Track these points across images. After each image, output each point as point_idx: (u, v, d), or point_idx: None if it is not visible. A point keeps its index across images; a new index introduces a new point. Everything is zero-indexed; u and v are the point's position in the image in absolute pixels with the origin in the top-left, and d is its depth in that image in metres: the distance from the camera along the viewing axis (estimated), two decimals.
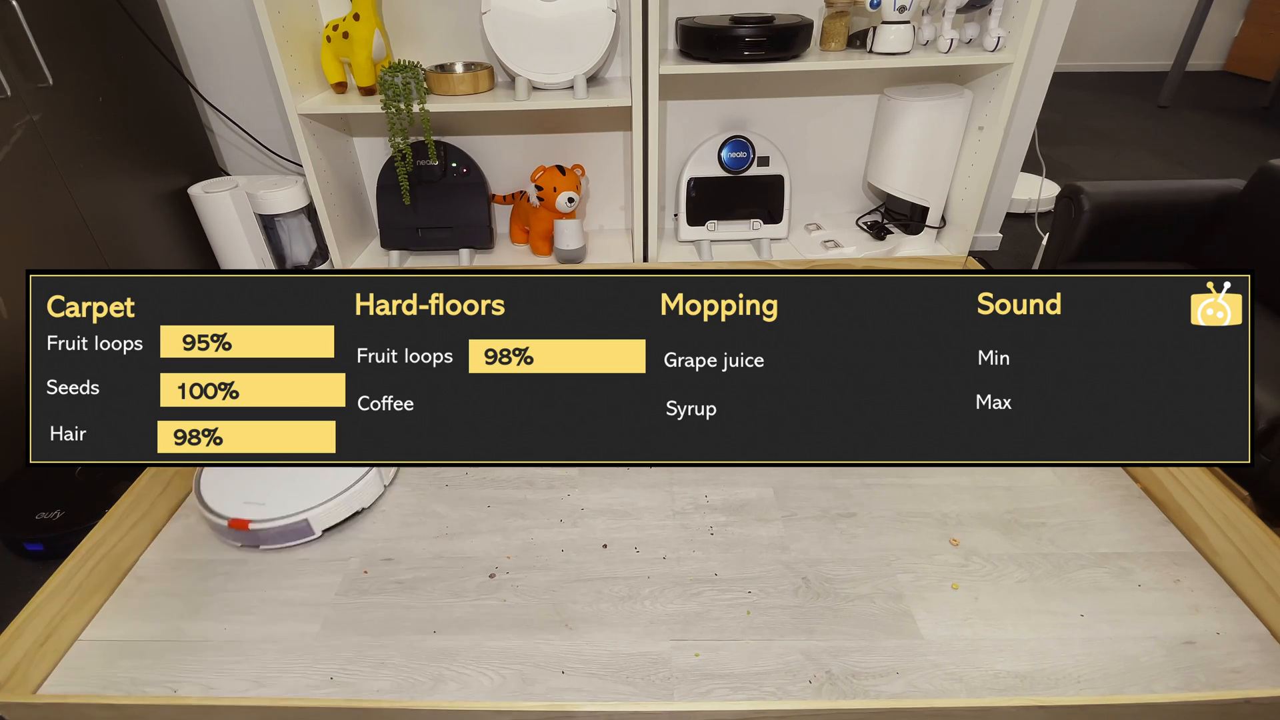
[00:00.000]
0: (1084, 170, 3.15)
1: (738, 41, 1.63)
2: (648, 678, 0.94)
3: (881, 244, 2.00)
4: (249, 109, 2.05)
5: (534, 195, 1.92)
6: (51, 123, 1.48)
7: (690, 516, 1.20)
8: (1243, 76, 4.81)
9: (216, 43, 1.95)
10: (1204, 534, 1.11)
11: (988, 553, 1.12)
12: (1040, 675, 0.94)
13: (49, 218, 1.47)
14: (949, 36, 1.69)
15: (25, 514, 1.29)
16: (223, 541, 1.16)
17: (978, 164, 1.85)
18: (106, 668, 0.98)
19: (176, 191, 1.87)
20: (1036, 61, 1.98)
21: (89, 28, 1.59)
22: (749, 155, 1.95)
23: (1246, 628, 1.00)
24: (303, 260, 1.97)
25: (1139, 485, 1.24)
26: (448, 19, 1.86)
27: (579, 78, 1.72)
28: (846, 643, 0.98)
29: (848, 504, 1.22)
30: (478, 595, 1.07)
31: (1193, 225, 1.62)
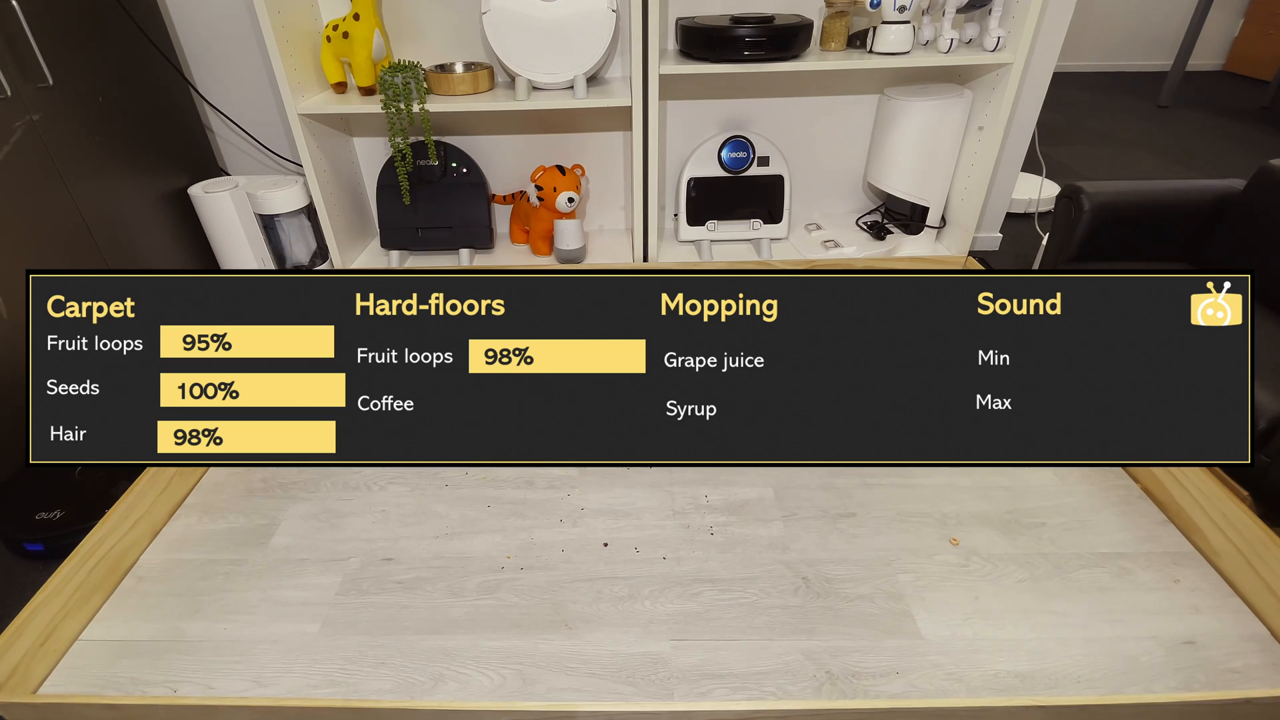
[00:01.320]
0: (1084, 170, 3.15)
1: (738, 41, 1.63)
2: (648, 678, 0.94)
3: (881, 244, 2.00)
4: (249, 109, 2.05)
5: (534, 195, 1.92)
6: (51, 123, 1.48)
7: (690, 516, 1.20)
8: (1243, 76, 4.81)
9: (216, 43, 1.95)
10: (1204, 534, 1.11)
11: (988, 553, 1.12)
12: (1040, 675, 0.93)
13: (49, 217, 1.47)
14: (949, 36, 1.69)
15: (25, 514, 1.29)
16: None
17: (978, 164, 1.85)
18: (106, 668, 0.98)
19: (176, 191, 1.87)
20: (1036, 61, 1.98)
21: (89, 28, 1.59)
22: (749, 155, 1.95)
23: (1246, 628, 1.00)
24: (303, 260, 1.97)
25: (1139, 485, 1.24)
26: (448, 19, 1.86)
27: (579, 78, 1.72)
28: (847, 643, 0.98)
29: (848, 504, 1.22)
30: (478, 595, 1.07)
31: (1193, 225, 1.62)
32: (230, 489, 1.29)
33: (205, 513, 1.24)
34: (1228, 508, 1.07)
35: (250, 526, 1.21)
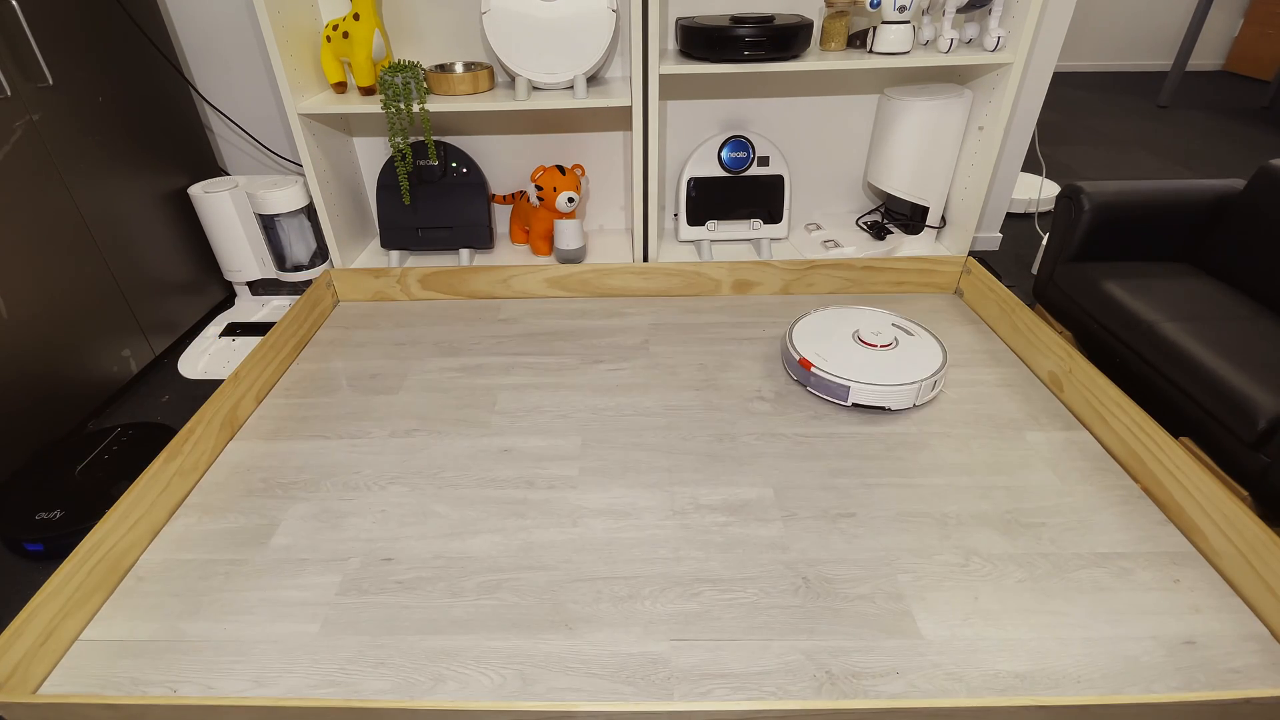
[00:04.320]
0: (1084, 170, 3.15)
1: (738, 41, 1.63)
2: (648, 677, 0.94)
3: (881, 244, 2.00)
4: (249, 109, 2.05)
5: (534, 195, 1.92)
6: (51, 122, 1.48)
7: (690, 516, 1.20)
8: (1243, 76, 4.81)
9: (217, 42, 1.95)
10: (1204, 534, 1.11)
11: (988, 553, 1.12)
12: (1040, 675, 0.93)
13: (49, 217, 1.47)
14: (949, 36, 1.69)
15: (25, 514, 1.28)
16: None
17: (978, 164, 1.85)
18: (106, 668, 0.98)
19: (176, 191, 1.87)
20: (1036, 61, 1.98)
21: (89, 28, 1.58)
22: (749, 155, 1.95)
23: (1247, 628, 1.00)
24: (302, 260, 1.97)
25: (1139, 485, 1.24)
26: (448, 19, 1.86)
27: (579, 77, 1.72)
28: (847, 643, 0.98)
29: (848, 504, 1.22)
30: (478, 595, 1.07)
31: (1193, 225, 1.62)
32: (230, 489, 1.29)
33: (205, 513, 1.24)
34: (1228, 508, 1.07)
35: (250, 526, 1.21)
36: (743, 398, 1.50)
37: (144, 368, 1.77)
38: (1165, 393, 1.36)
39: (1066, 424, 1.40)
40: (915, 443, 1.36)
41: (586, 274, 1.90)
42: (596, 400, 1.50)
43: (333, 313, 1.91)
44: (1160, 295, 1.47)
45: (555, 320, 1.82)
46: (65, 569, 1.02)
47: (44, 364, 1.46)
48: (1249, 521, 1.03)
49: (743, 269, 1.89)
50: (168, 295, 1.83)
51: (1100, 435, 1.35)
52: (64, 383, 1.51)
